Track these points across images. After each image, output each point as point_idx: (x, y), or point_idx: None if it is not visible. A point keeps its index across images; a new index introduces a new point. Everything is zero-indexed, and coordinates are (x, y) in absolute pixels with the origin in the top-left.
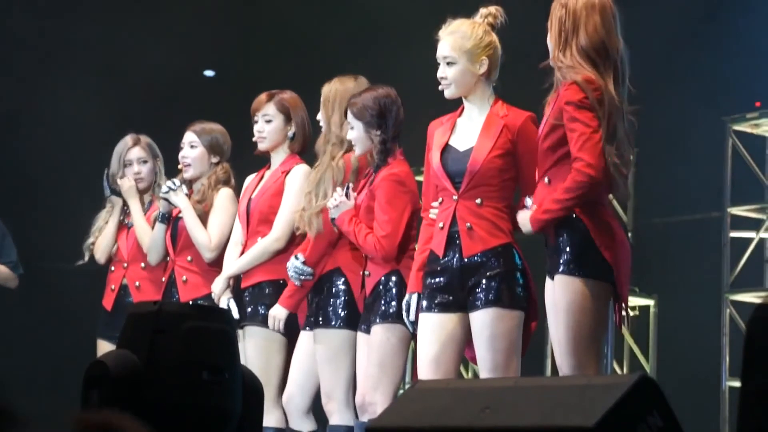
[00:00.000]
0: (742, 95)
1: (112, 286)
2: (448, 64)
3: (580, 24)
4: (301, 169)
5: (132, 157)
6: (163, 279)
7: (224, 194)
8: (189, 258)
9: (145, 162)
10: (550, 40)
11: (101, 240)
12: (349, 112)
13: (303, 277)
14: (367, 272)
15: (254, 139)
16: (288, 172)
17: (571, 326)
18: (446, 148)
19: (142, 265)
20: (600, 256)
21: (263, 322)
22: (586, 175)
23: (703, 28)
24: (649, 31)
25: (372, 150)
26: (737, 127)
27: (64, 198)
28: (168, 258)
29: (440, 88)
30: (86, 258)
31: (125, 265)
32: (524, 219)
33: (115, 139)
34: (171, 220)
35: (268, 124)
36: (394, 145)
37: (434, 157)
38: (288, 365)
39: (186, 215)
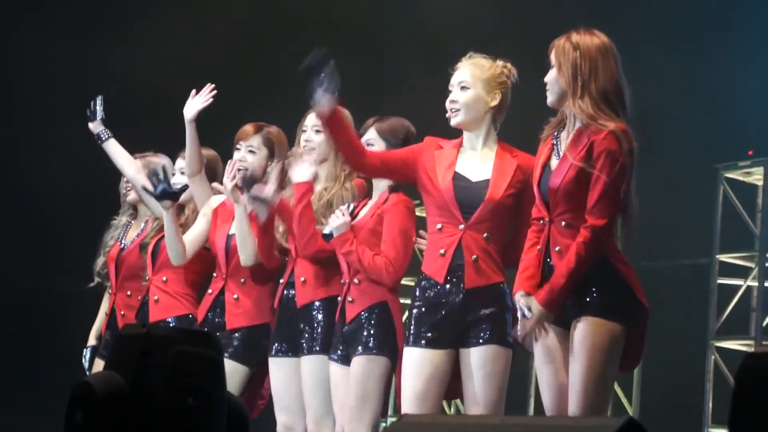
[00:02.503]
0: (735, 143)
1: (106, 311)
2: (462, 88)
3: (597, 68)
4: None
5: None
6: (139, 298)
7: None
8: (164, 278)
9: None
10: (562, 83)
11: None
12: (373, 129)
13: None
14: (350, 299)
15: None
16: None
17: (593, 368)
18: (455, 176)
19: (129, 293)
20: (636, 300)
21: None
22: (596, 234)
23: (698, 75)
24: (644, 74)
25: None
26: (729, 175)
27: (68, 219)
28: (147, 278)
29: (447, 115)
30: (96, 281)
31: (114, 291)
32: (532, 303)
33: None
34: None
35: (250, 155)
36: None
37: (443, 180)
38: (247, 392)
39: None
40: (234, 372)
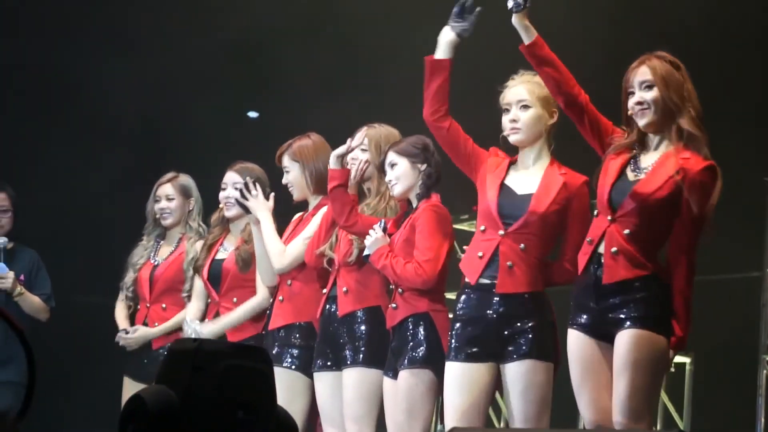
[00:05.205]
0: None
1: (126, 314)
2: (522, 107)
3: (692, 87)
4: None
5: (161, 193)
6: (184, 299)
7: None
8: (234, 299)
9: (171, 199)
10: (674, 99)
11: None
12: (391, 152)
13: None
14: (394, 305)
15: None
16: (316, 213)
17: (638, 381)
18: (502, 187)
19: (163, 306)
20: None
21: (291, 364)
22: (691, 265)
23: (746, 87)
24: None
25: (413, 186)
26: None
27: (102, 233)
28: (210, 300)
29: (505, 133)
30: (123, 296)
31: (148, 304)
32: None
33: (157, 176)
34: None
35: (288, 175)
36: (436, 182)
37: (490, 191)
38: (312, 407)
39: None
40: (295, 381)
